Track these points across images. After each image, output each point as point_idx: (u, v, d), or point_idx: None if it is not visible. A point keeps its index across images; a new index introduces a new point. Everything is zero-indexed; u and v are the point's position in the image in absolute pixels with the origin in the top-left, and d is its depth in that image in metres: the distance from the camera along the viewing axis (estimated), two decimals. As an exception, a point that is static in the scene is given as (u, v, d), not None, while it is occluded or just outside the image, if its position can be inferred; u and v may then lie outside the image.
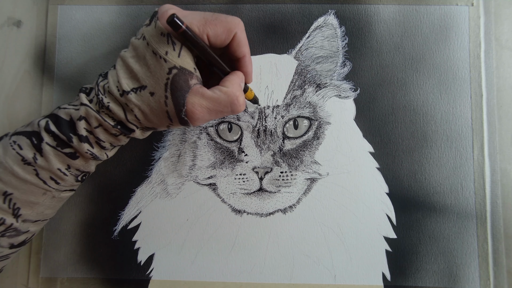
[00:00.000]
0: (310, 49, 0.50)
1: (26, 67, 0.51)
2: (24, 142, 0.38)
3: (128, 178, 0.50)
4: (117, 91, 0.37)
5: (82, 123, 0.37)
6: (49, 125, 0.38)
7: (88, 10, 0.51)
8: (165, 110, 0.37)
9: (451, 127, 0.49)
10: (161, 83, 0.36)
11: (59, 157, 0.38)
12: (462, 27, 0.50)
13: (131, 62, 0.37)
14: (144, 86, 0.36)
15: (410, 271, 0.48)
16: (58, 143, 0.37)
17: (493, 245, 0.48)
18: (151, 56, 0.36)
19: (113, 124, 0.37)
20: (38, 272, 0.49)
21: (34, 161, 0.37)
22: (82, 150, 0.38)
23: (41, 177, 0.38)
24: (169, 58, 0.35)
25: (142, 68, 0.36)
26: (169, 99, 0.36)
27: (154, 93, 0.36)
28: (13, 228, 0.39)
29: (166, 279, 0.48)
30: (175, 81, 0.36)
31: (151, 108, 0.37)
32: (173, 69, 0.36)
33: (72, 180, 0.40)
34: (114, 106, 0.37)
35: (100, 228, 0.49)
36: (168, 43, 0.36)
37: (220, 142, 0.49)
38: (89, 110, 0.37)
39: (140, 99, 0.36)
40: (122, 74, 0.37)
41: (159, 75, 0.36)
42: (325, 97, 0.49)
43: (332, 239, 0.48)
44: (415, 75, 0.49)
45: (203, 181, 0.49)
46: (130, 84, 0.37)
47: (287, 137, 0.48)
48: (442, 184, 0.48)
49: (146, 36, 0.36)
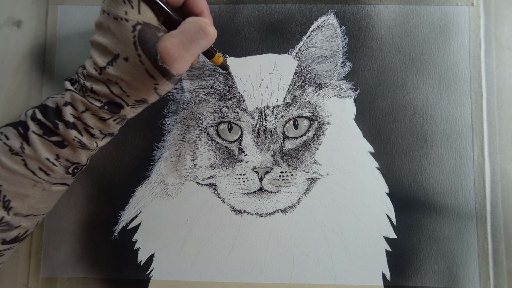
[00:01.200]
0: (310, 49, 0.50)
1: (26, 67, 0.51)
2: (10, 132, 0.38)
3: (128, 178, 0.50)
4: (95, 71, 0.37)
5: (68, 109, 0.37)
6: (36, 113, 0.38)
7: (88, 10, 0.51)
8: (143, 69, 0.36)
9: (451, 127, 0.49)
10: (130, 44, 0.36)
11: (46, 145, 0.37)
12: (462, 27, 0.50)
13: (99, 39, 0.37)
14: (117, 54, 0.36)
15: (410, 271, 0.48)
16: (45, 131, 0.37)
17: (493, 245, 0.48)
18: (114, 22, 0.36)
19: (100, 105, 0.37)
20: (38, 272, 0.49)
21: (21, 150, 0.37)
22: (69, 137, 0.37)
23: (29, 167, 0.37)
24: (130, 17, 0.35)
25: (109, 38, 0.36)
26: (143, 56, 0.36)
27: (127, 58, 0.36)
28: (4, 222, 0.38)
29: (166, 279, 0.48)
30: (141, 36, 0.36)
31: (131, 74, 0.36)
32: (137, 25, 0.36)
33: (63, 172, 0.39)
34: (97, 86, 0.37)
35: (100, 228, 0.49)
36: (124, 3, 0.35)
37: (220, 142, 0.49)
38: (74, 94, 0.37)
39: (119, 69, 0.36)
40: (95, 53, 0.37)
41: (125, 37, 0.36)
42: (325, 97, 0.49)
43: (332, 239, 0.48)
44: (415, 75, 0.49)
45: (203, 181, 0.49)
46: (104, 59, 0.37)
47: (287, 137, 0.48)
48: (442, 184, 0.48)
49: (104, 8, 0.36)
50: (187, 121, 0.49)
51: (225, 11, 0.50)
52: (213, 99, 0.49)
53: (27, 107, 0.50)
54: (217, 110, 0.49)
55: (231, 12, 0.50)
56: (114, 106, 0.38)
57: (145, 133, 0.50)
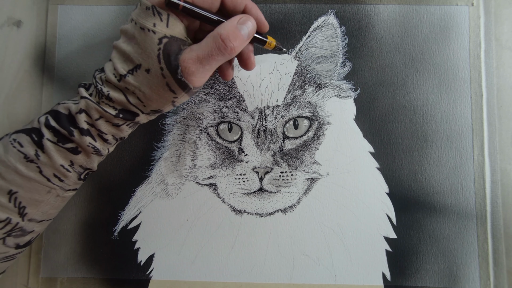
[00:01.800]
0: (310, 49, 0.50)
1: (26, 67, 0.51)
2: (24, 139, 0.38)
3: (128, 178, 0.50)
4: (114, 77, 0.37)
5: (83, 116, 0.37)
6: (49, 120, 0.38)
7: (88, 10, 0.51)
8: (164, 83, 0.36)
9: (451, 127, 0.49)
10: (154, 56, 0.35)
11: (61, 152, 0.37)
12: (462, 27, 0.50)
13: (123, 46, 0.37)
14: (139, 64, 0.36)
15: (410, 271, 0.48)
16: (59, 138, 0.37)
17: (493, 245, 0.48)
18: (140, 32, 0.36)
19: (114, 113, 0.37)
20: (38, 272, 0.49)
21: (36, 158, 0.37)
22: (84, 144, 0.37)
23: (44, 174, 0.38)
24: (158, 29, 0.35)
25: (133, 47, 0.36)
26: (165, 70, 0.36)
27: (149, 69, 0.36)
28: (18, 228, 0.39)
29: (166, 279, 0.48)
30: (166, 49, 0.35)
31: (150, 86, 0.36)
32: (163, 38, 0.35)
33: (75, 178, 0.39)
34: (114, 93, 0.37)
35: (100, 228, 0.49)
36: (154, 15, 0.35)
37: (220, 142, 0.49)
38: (89, 102, 0.37)
39: (139, 80, 0.36)
40: (117, 59, 0.37)
41: (150, 48, 0.35)
42: (325, 97, 0.49)
43: (332, 239, 0.48)
44: (415, 75, 0.49)
45: (203, 181, 0.49)
46: (125, 67, 0.37)
47: (287, 137, 0.48)
48: (442, 184, 0.48)
49: (133, 17, 0.36)
50: (187, 121, 0.49)
51: (225, 11, 0.50)
52: (213, 99, 0.49)
53: (27, 107, 0.50)
54: (217, 110, 0.49)
55: (231, 12, 0.50)
56: (129, 114, 0.38)
57: (145, 133, 0.50)
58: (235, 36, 0.36)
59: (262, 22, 0.40)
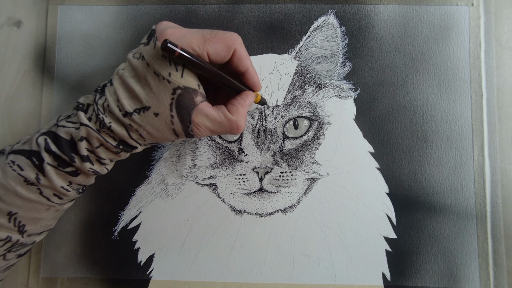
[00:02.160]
0: (310, 49, 0.50)
1: (26, 67, 0.51)
2: (24, 162, 0.37)
3: (128, 178, 0.50)
4: (119, 111, 0.36)
5: (84, 144, 0.37)
6: (49, 145, 0.37)
7: (88, 10, 0.51)
8: (171, 128, 0.37)
9: (451, 127, 0.49)
10: (166, 104, 0.36)
11: (61, 175, 0.38)
12: (462, 27, 0.50)
13: (131, 82, 0.36)
14: (148, 107, 0.36)
15: (410, 271, 0.48)
16: (60, 163, 0.37)
17: (493, 245, 0.48)
18: (153, 77, 0.35)
19: (115, 144, 0.37)
20: (38, 272, 0.49)
21: (37, 181, 0.37)
22: (84, 169, 0.38)
23: (45, 195, 0.38)
24: (173, 79, 0.35)
25: (144, 89, 0.36)
26: (175, 118, 0.36)
27: (158, 114, 0.36)
28: (19, 244, 0.39)
29: (166, 279, 0.48)
30: (180, 101, 0.36)
31: (156, 127, 0.37)
32: (178, 89, 0.35)
33: (75, 194, 0.40)
34: (116, 127, 0.37)
35: (100, 228, 0.49)
36: (170, 64, 0.35)
37: (220, 142, 0.49)
38: (90, 130, 0.37)
39: (145, 120, 0.36)
40: (122, 94, 0.36)
41: (163, 96, 0.36)
42: (325, 97, 0.49)
43: (332, 239, 0.48)
44: (415, 75, 0.49)
45: (203, 181, 0.49)
46: (132, 104, 0.36)
47: (287, 137, 0.48)
48: (442, 184, 0.48)
49: (146, 56, 0.35)
50: (187, 121, 0.49)
51: (225, 11, 0.50)
52: (213, 99, 0.49)
53: (27, 107, 0.50)
54: (217, 110, 0.49)
55: (231, 12, 0.50)
56: (128, 146, 0.39)
57: (145, 133, 0.50)
58: (245, 121, 0.40)
59: (258, 85, 0.42)
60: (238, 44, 0.38)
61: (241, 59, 0.38)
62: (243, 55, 0.38)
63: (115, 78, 0.37)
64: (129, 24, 0.51)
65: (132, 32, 0.51)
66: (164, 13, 0.51)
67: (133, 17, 0.51)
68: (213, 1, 0.51)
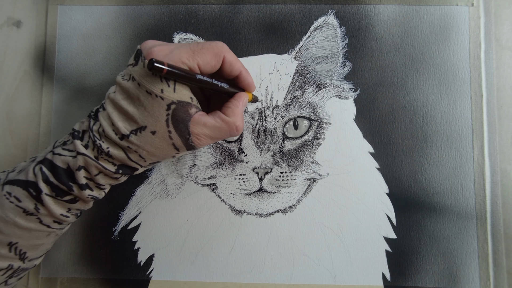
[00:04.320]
0: (310, 49, 0.50)
1: (26, 67, 0.51)
2: (21, 193, 0.37)
3: (128, 178, 0.49)
4: (115, 135, 0.36)
5: (82, 173, 0.37)
6: (46, 175, 0.37)
7: (88, 10, 0.51)
8: (170, 143, 0.37)
9: (451, 127, 0.49)
10: (162, 120, 0.35)
11: (60, 204, 0.38)
12: (462, 27, 0.50)
13: (124, 104, 0.36)
14: (144, 126, 0.36)
15: (410, 272, 0.48)
16: (58, 192, 0.37)
17: (493, 245, 0.48)
18: (146, 96, 0.35)
19: (114, 170, 0.37)
20: (38, 272, 0.49)
21: (36, 211, 0.37)
22: (83, 197, 0.37)
23: (44, 223, 0.38)
24: (166, 95, 0.35)
25: (138, 109, 0.35)
26: (173, 133, 0.36)
27: (156, 132, 0.36)
28: (20, 269, 0.40)
29: (166, 279, 0.48)
30: (175, 115, 0.36)
31: (155, 145, 0.37)
32: (172, 104, 0.35)
33: (73, 219, 0.40)
34: (114, 151, 0.36)
35: (100, 228, 0.49)
36: (161, 81, 0.35)
37: (220, 143, 0.49)
38: (88, 159, 0.36)
39: (143, 140, 0.36)
40: (117, 116, 0.36)
41: (158, 113, 0.35)
42: (325, 98, 0.49)
43: (332, 239, 0.48)
44: (415, 75, 0.49)
45: (203, 182, 0.49)
46: (128, 126, 0.36)
47: (287, 138, 0.48)
48: (442, 184, 0.48)
49: (136, 77, 0.35)
50: (187, 121, 0.49)
51: (225, 11, 0.50)
52: (213, 99, 0.49)
53: (27, 107, 0.50)
54: (217, 110, 0.49)
55: (231, 12, 0.50)
56: (128, 169, 0.38)
57: (145, 133, 0.50)
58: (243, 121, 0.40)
59: (252, 86, 0.42)
60: (226, 51, 0.38)
61: (232, 64, 0.39)
62: (232, 60, 0.39)
63: (107, 102, 0.37)
64: (129, 24, 0.51)
65: (132, 32, 0.51)
66: (164, 13, 0.51)
67: (133, 17, 0.51)
68: (213, 1, 0.51)
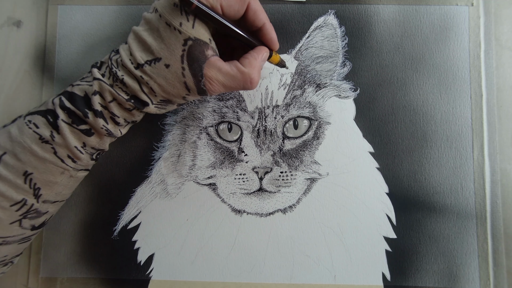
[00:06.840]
0: (310, 49, 0.50)
1: (26, 67, 0.51)
2: (39, 120, 0.38)
3: (128, 178, 0.50)
4: (131, 64, 0.37)
5: (97, 98, 0.37)
6: (64, 102, 0.38)
7: (88, 10, 0.51)
8: (182, 81, 0.37)
9: (451, 127, 0.49)
10: (177, 55, 0.36)
11: (75, 134, 0.38)
12: (462, 27, 0.50)
13: (144, 35, 0.37)
14: (159, 58, 0.36)
15: (410, 271, 0.48)
16: (74, 119, 0.38)
17: (493, 245, 0.48)
18: (165, 28, 0.36)
19: (126, 98, 0.38)
20: (38, 272, 0.49)
21: (51, 139, 0.38)
22: (97, 126, 0.38)
23: (59, 155, 0.38)
24: (184, 30, 0.35)
25: (156, 40, 0.36)
26: (187, 71, 0.36)
27: (169, 65, 0.36)
28: (34, 210, 0.39)
29: (166, 279, 0.48)
30: (191, 53, 0.36)
31: (167, 79, 0.37)
32: (188, 40, 0.36)
33: (88, 159, 0.40)
34: (128, 79, 0.37)
35: (100, 228, 0.49)
36: (181, 14, 0.35)
37: (220, 142, 0.49)
38: (103, 84, 0.37)
39: (156, 71, 0.37)
40: (135, 47, 0.37)
41: (174, 47, 0.36)
42: (325, 97, 0.49)
43: (332, 239, 0.48)
44: (415, 75, 0.49)
45: (203, 181, 0.49)
46: (144, 56, 0.37)
47: (287, 137, 0.48)
48: (442, 184, 0.48)
49: (159, 8, 0.36)
50: (187, 121, 0.49)
51: (225, 11, 0.50)
52: (213, 99, 0.49)
53: (27, 107, 0.50)
54: (217, 110, 0.49)
55: (231, 12, 0.50)
56: (139, 102, 0.38)
57: (145, 133, 0.50)
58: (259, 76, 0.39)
59: (275, 42, 0.42)
60: None
61: (256, 13, 0.38)
62: (258, 8, 0.38)
63: (130, 35, 0.38)
64: (129, 24, 0.51)
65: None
66: (164, 13, 0.51)
67: (133, 17, 0.51)
68: (213, 1, 0.51)
